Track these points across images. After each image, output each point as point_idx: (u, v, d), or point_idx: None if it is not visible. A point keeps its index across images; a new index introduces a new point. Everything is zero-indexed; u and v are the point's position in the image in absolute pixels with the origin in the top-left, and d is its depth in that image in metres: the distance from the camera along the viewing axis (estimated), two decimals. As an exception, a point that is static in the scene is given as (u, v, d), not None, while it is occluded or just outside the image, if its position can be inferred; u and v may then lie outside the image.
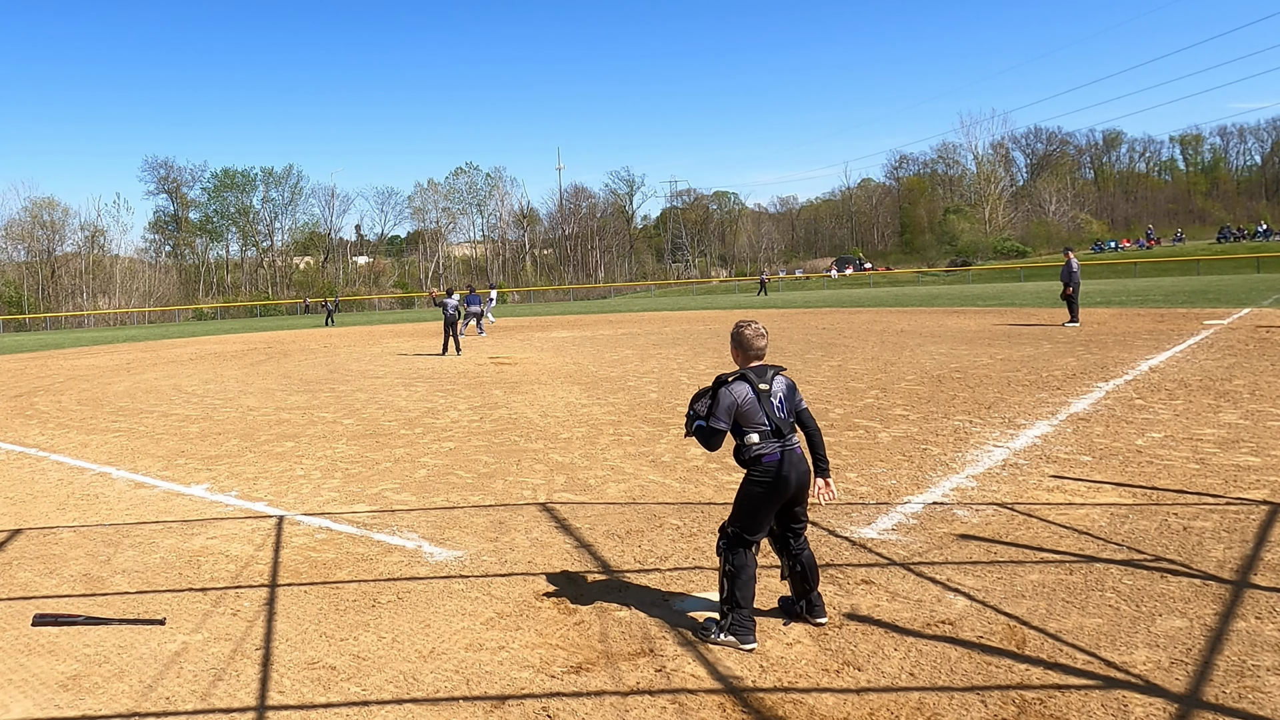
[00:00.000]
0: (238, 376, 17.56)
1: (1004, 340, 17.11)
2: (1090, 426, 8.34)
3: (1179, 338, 15.81)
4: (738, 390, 3.96)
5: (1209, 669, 3.50)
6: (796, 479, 3.96)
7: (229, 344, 30.19)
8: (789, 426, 4.00)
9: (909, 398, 10.60)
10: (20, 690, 3.80)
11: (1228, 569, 4.55)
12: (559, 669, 3.78)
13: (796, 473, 3.96)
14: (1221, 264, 53.40)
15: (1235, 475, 6.36)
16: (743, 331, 4.09)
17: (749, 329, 4.09)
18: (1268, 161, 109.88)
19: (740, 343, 4.10)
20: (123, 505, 7.13)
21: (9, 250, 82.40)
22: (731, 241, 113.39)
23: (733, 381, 3.99)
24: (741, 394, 3.95)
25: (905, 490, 6.44)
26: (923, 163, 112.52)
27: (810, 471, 4.06)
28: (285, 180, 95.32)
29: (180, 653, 4.13)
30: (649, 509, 6.26)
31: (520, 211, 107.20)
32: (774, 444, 3.94)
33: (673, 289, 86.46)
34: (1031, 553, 4.95)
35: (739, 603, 3.91)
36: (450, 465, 8.06)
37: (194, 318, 71.66)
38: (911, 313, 28.24)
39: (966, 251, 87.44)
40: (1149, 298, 28.31)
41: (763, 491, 3.94)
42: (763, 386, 3.98)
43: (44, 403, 14.55)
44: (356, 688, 3.70)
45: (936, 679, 3.52)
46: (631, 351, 18.92)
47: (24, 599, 4.96)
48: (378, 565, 5.30)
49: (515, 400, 12.10)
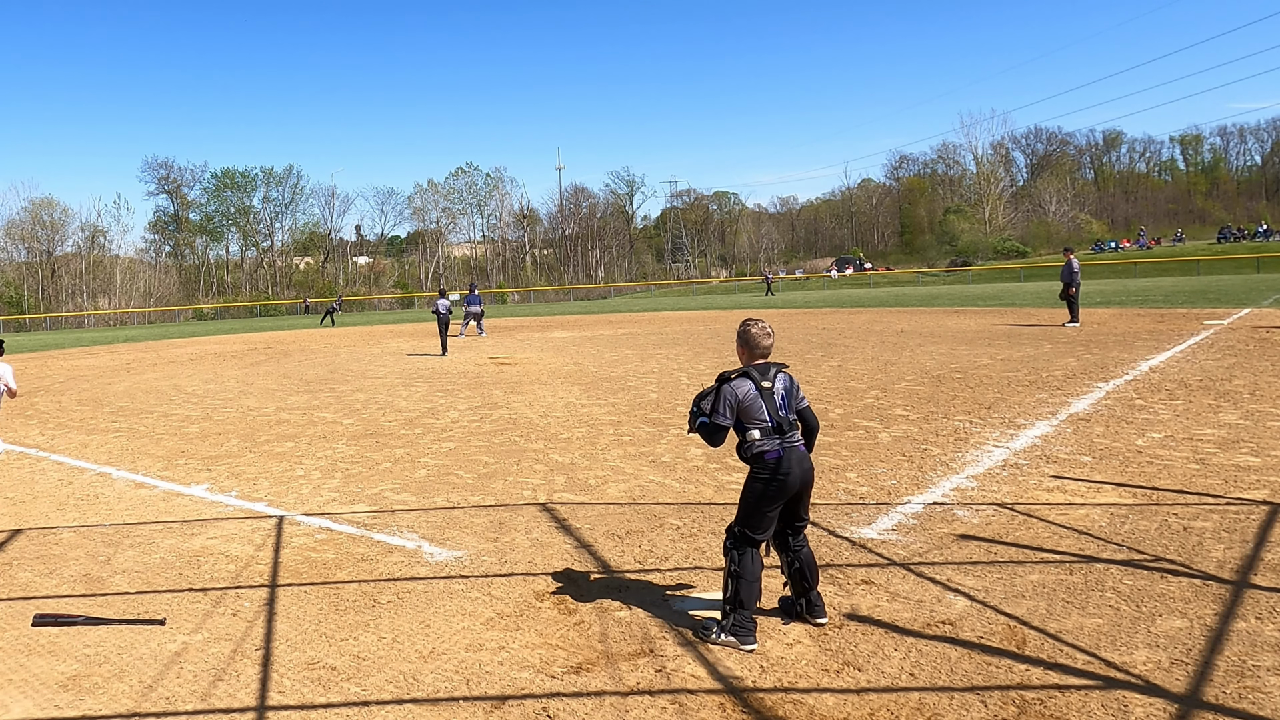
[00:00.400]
0: (238, 377, 17.56)
1: (1004, 340, 17.11)
2: (1090, 427, 8.33)
3: (1179, 338, 15.81)
4: (740, 386, 4.00)
5: (1209, 669, 3.49)
6: (800, 476, 3.98)
7: (229, 344, 30.19)
8: (790, 424, 4.03)
9: (909, 398, 10.60)
10: (20, 690, 3.80)
11: (1228, 569, 4.55)
12: (559, 669, 3.78)
13: (800, 470, 3.98)
14: (1221, 264, 53.42)
15: (1235, 475, 6.36)
16: (749, 330, 4.13)
17: (755, 327, 4.12)
18: (1268, 161, 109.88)
19: (746, 340, 4.14)
20: (123, 505, 7.13)
21: (9, 250, 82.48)
22: (731, 242, 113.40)
23: (735, 378, 4.03)
24: (744, 390, 3.99)
25: (905, 490, 6.44)
26: (923, 163, 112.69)
27: (813, 469, 4.09)
28: (285, 180, 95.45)
29: (180, 653, 4.13)
30: (649, 509, 6.26)
31: (520, 211, 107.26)
32: (775, 441, 3.97)
33: (673, 289, 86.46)
34: (1031, 553, 4.95)
35: (742, 604, 3.93)
36: (450, 465, 8.06)
37: (194, 318, 71.65)
38: (911, 313, 28.24)
39: (966, 252, 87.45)
40: (1149, 298, 28.31)
41: (765, 488, 3.97)
42: (765, 384, 4.01)
43: (44, 403, 14.56)
44: (356, 688, 3.70)
45: (936, 679, 3.52)
46: (631, 352, 18.92)
47: (24, 599, 4.96)
48: (378, 565, 5.30)
49: (515, 400, 12.10)
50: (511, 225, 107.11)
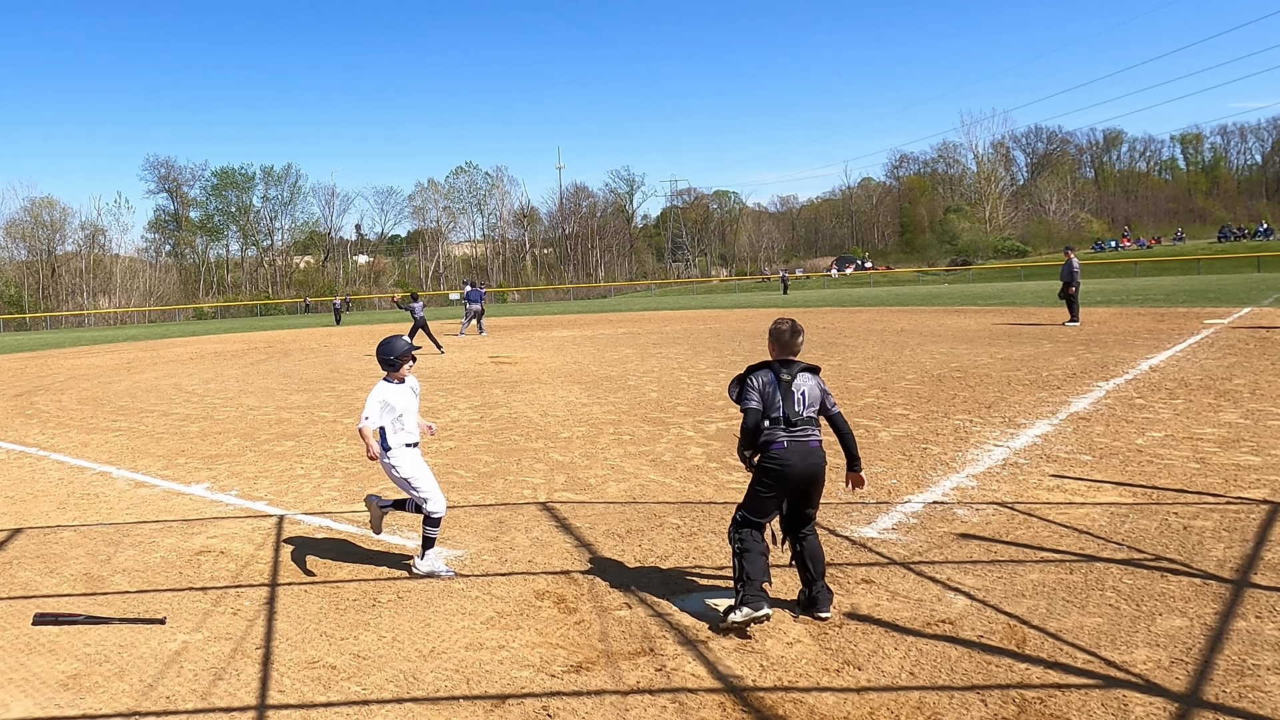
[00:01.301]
0: (238, 376, 17.56)
1: (1004, 339, 17.10)
2: (1090, 426, 8.33)
3: (1179, 337, 15.80)
4: (760, 376, 4.24)
5: (1209, 668, 3.49)
6: (805, 470, 4.10)
7: (229, 343, 30.19)
8: (801, 419, 4.15)
9: (909, 397, 10.60)
10: (20, 689, 3.80)
11: (1228, 568, 4.54)
12: (559, 668, 3.78)
13: (805, 464, 4.10)
14: (1222, 263, 53.39)
15: (1235, 474, 6.36)
16: (778, 328, 4.35)
17: (784, 326, 4.35)
18: (1268, 161, 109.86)
19: (775, 337, 4.36)
20: (123, 504, 7.13)
21: (9, 249, 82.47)
22: (732, 241, 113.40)
23: (758, 369, 4.27)
24: (762, 380, 4.22)
25: (905, 489, 6.44)
26: (923, 162, 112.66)
27: (823, 466, 4.18)
28: (284, 179, 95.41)
29: (180, 652, 4.13)
30: (649, 508, 6.26)
31: (520, 211, 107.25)
32: (782, 432, 4.11)
33: (673, 288, 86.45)
34: (1031, 552, 4.95)
35: (749, 576, 4.03)
36: (450, 464, 8.06)
37: (194, 317, 71.69)
38: (911, 312, 28.24)
39: (967, 251, 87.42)
40: (1149, 297, 28.30)
41: (765, 475, 4.13)
42: (784, 377, 4.20)
43: (44, 402, 14.56)
44: (357, 687, 3.70)
45: (937, 678, 3.52)
46: (632, 351, 18.92)
47: (24, 598, 4.96)
48: (378, 564, 5.30)
49: (515, 399, 12.10)
50: (511, 224, 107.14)
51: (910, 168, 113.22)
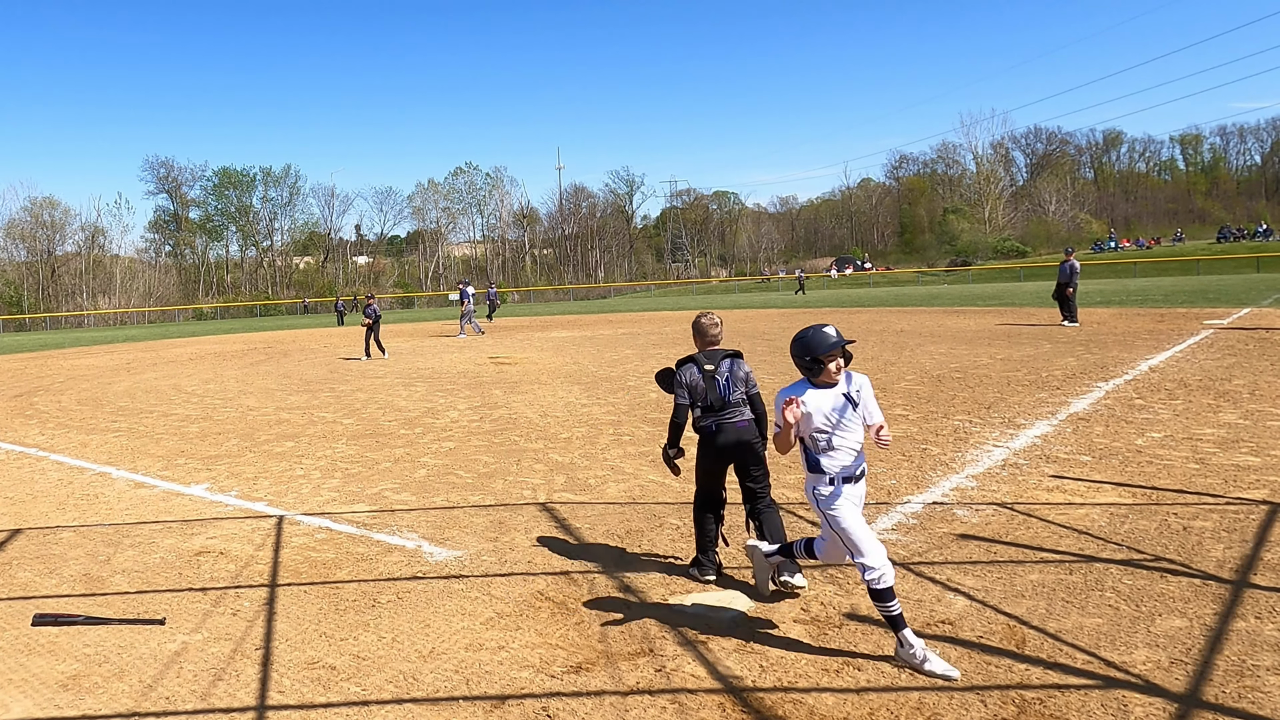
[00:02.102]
0: (237, 376, 17.56)
1: (1004, 340, 17.11)
2: (1090, 426, 8.33)
3: (1179, 337, 15.81)
4: (687, 372, 4.73)
5: (1209, 669, 3.50)
6: (733, 445, 4.61)
7: (229, 344, 30.19)
8: (725, 403, 4.64)
9: (909, 397, 10.60)
10: (20, 690, 3.80)
11: (1227, 569, 4.55)
12: (559, 669, 3.78)
13: (731, 440, 4.61)
14: (1221, 264, 53.40)
15: (1235, 475, 6.36)
16: (700, 321, 4.84)
17: (705, 319, 4.84)
18: (1268, 161, 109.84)
19: (697, 330, 4.84)
20: (123, 505, 7.13)
21: (9, 250, 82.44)
22: (731, 241, 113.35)
23: (685, 364, 4.76)
24: (690, 375, 4.71)
25: (905, 490, 6.44)
26: (923, 162, 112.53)
27: (755, 438, 4.66)
28: (284, 180, 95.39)
29: (180, 652, 4.13)
30: (649, 509, 6.26)
31: (520, 211, 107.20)
32: (710, 417, 4.64)
33: (673, 289, 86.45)
34: (1031, 553, 4.96)
35: (701, 547, 4.77)
36: (450, 465, 8.06)
37: (194, 318, 71.67)
38: (911, 313, 28.24)
39: (966, 251, 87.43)
40: (1149, 297, 28.31)
41: (701, 454, 4.72)
42: (708, 367, 4.69)
43: (44, 402, 14.56)
44: (356, 688, 3.70)
45: (936, 679, 3.52)
46: (631, 351, 18.92)
47: (24, 599, 4.96)
48: (378, 565, 5.31)
49: (515, 400, 12.10)
50: (511, 225, 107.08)
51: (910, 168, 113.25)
